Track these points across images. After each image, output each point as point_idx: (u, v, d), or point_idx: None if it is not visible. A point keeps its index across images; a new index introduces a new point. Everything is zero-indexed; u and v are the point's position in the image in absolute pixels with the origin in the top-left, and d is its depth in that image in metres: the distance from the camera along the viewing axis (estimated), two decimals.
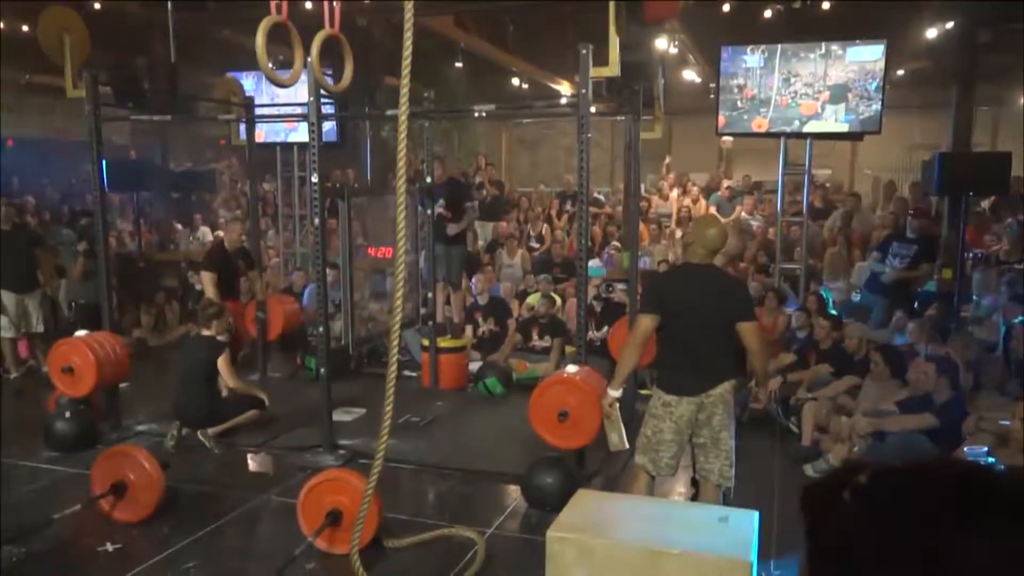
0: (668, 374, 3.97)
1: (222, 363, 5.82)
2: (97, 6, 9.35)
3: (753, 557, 2.94)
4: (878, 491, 0.79)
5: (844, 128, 7.85)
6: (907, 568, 0.73)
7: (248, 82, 8.75)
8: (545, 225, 11.55)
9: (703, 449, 3.92)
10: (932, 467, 0.81)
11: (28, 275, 7.74)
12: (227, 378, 5.86)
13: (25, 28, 10.16)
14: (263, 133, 9.25)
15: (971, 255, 8.84)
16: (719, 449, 3.87)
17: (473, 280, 8.71)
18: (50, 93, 11.32)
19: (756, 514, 3.25)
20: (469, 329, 8.23)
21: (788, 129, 7.94)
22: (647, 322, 3.90)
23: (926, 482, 0.79)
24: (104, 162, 6.04)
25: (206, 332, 6.00)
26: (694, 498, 4.16)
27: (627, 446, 4.09)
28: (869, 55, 7.64)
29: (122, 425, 6.13)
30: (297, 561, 3.95)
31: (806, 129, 7.88)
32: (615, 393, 3.96)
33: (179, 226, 12.41)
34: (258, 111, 7.91)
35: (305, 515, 4.16)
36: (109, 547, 4.26)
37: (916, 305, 7.74)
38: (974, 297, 8.01)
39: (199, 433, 5.73)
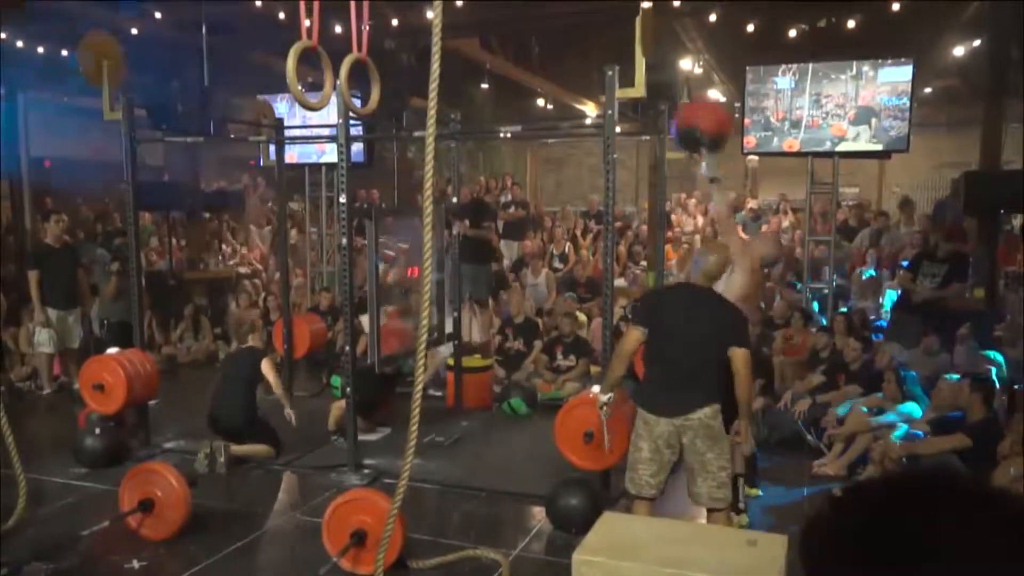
0: (649, 392, 3.98)
1: (267, 365, 5.88)
2: (134, 32, 9.56)
3: None
4: (851, 498, 0.86)
5: (878, 147, 7.82)
6: (884, 565, 0.78)
7: (281, 105, 8.88)
8: (569, 244, 11.55)
9: (691, 472, 3.88)
10: (900, 474, 0.90)
11: (72, 292, 7.86)
12: (271, 380, 5.88)
13: (64, 52, 10.42)
14: (295, 155, 9.37)
15: (1003, 274, 8.70)
16: (706, 472, 3.81)
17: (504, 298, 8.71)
18: (86, 115, 11.59)
19: (785, 538, 3.20)
20: (498, 339, 8.23)
21: (819, 150, 7.93)
22: (634, 334, 3.94)
23: (894, 486, 0.86)
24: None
25: (248, 344, 6.10)
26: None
27: (607, 447, 4.21)
28: (901, 75, 7.60)
29: (151, 442, 6.20)
30: None
31: (838, 150, 7.86)
32: (603, 397, 4.08)
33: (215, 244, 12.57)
34: (287, 132, 8.03)
35: (330, 535, 4.16)
36: (136, 564, 4.29)
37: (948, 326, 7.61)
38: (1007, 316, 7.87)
39: (220, 449, 5.62)
